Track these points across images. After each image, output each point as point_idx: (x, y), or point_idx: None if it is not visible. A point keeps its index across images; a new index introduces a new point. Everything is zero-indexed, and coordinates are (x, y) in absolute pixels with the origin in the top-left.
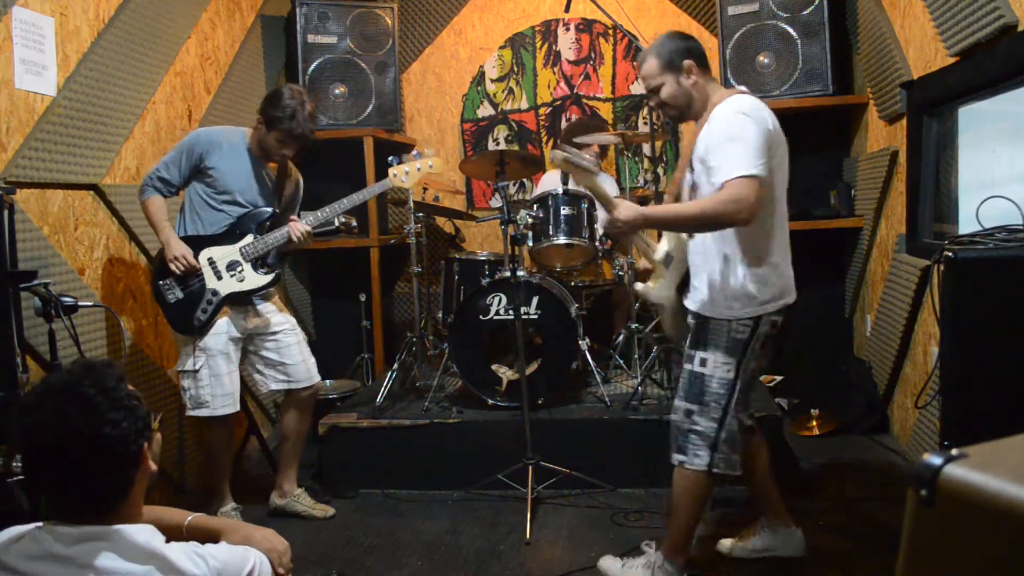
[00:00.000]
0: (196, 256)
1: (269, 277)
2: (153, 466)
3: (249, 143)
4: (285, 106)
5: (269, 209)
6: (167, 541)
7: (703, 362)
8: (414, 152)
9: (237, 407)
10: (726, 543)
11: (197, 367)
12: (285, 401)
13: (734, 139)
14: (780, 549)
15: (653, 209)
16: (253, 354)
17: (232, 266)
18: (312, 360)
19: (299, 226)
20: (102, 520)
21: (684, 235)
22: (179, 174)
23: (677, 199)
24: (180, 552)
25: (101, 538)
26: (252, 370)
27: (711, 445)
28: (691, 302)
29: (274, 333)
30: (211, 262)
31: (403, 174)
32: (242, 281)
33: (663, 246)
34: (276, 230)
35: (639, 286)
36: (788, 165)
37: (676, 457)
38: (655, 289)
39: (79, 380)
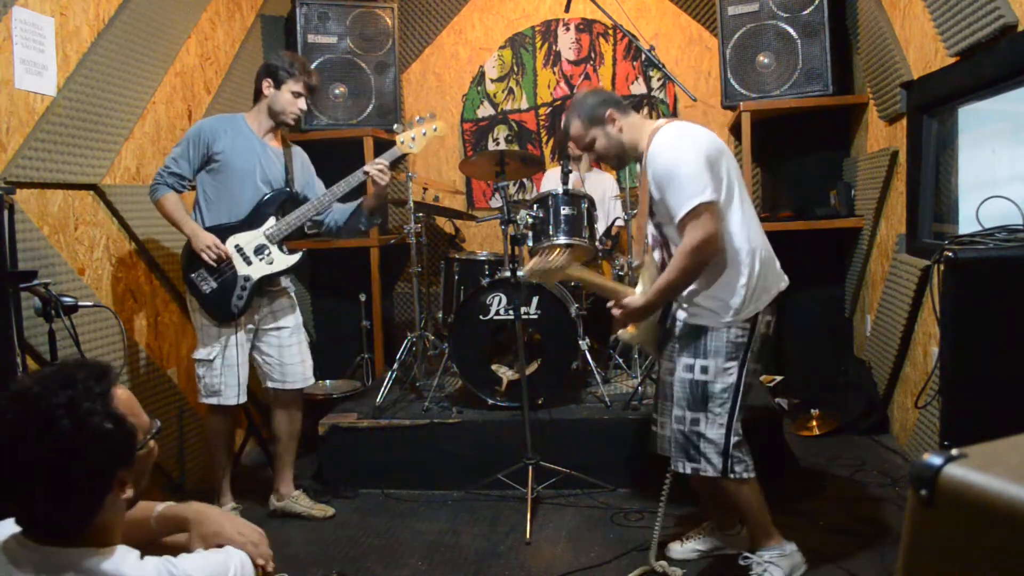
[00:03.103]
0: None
1: (297, 256)
2: (129, 492)
3: (250, 124)
4: (291, 60)
5: (287, 190)
6: (144, 553)
7: (704, 370)
8: (417, 118)
9: (245, 398)
10: (674, 546)
11: (212, 356)
12: (273, 402)
13: (674, 175)
14: (725, 548)
15: (652, 294)
16: (253, 348)
17: (260, 250)
18: (310, 362)
19: (375, 163)
20: (68, 542)
21: (651, 272)
22: (190, 166)
23: (656, 245)
24: (152, 574)
25: (64, 570)
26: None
27: (722, 451)
28: (682, 315)
29: (278, 328)
30: (239, 249)
31: (410, 140)
32: (271, 263)
33: (639, 289)
34: (296, 209)
35: (622, 335)
36: (738, 167)
37: (688, 465)
38: (639, 333)
39: (52, 393)
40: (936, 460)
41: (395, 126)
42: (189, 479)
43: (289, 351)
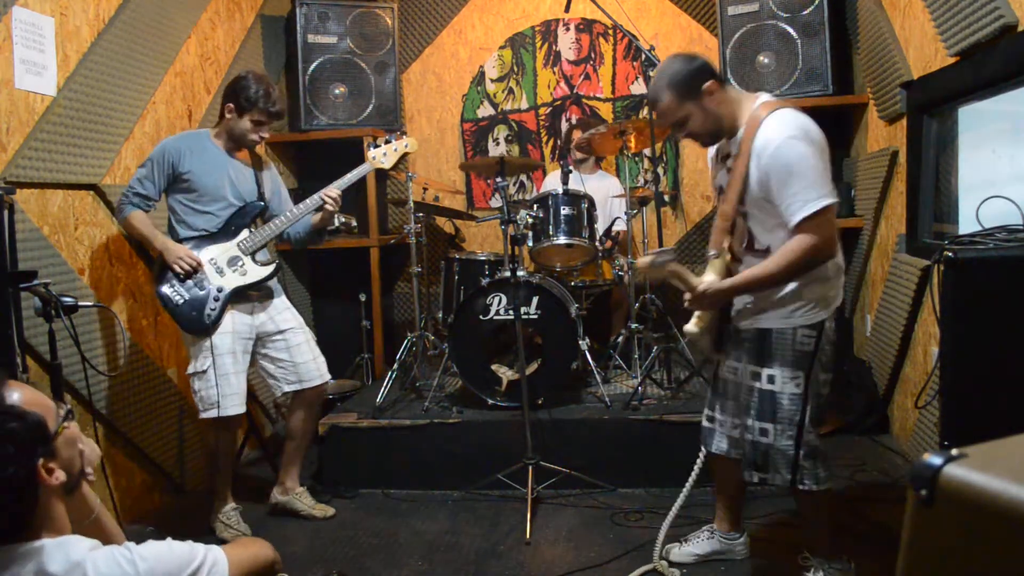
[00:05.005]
0: None
1: (270, 268)
2: (59, 477)
3: (215, 140)
4: (257, 89)
5: (261, 203)
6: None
7: (771, 379)
8: (387, 136)
9: (243, 408)
10: (673, 548)
11: (205, 367)
12: (293, 401)
13: (797, 173)
14: (724, 553)
15: (734, 281)
16: (263, 357)
17: (233, 262)
18: (322, 358)
19: (330, 190)
20: (14, 538)
21: (724, 262)
22: (155, 188)
23: (732, 228)
24: (103, 561)
25: (13, 564)
26: (265, 375)
27: (791, 464)
28: (747, 318)
29: (282, 331)
30: (212, 261)
31: (380, 156)
32: (244, 275)
33: (708, 279)
34: (269, 223)
35: (688, 329)
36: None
37: (756, 475)
38: (702, 329)
39: None
40: (936, 460)
41: (367, 144)
42: (189, 479)
43: (299, 350)
